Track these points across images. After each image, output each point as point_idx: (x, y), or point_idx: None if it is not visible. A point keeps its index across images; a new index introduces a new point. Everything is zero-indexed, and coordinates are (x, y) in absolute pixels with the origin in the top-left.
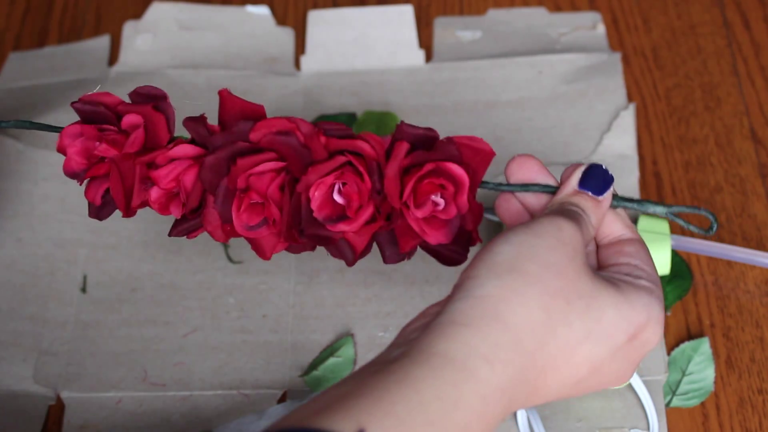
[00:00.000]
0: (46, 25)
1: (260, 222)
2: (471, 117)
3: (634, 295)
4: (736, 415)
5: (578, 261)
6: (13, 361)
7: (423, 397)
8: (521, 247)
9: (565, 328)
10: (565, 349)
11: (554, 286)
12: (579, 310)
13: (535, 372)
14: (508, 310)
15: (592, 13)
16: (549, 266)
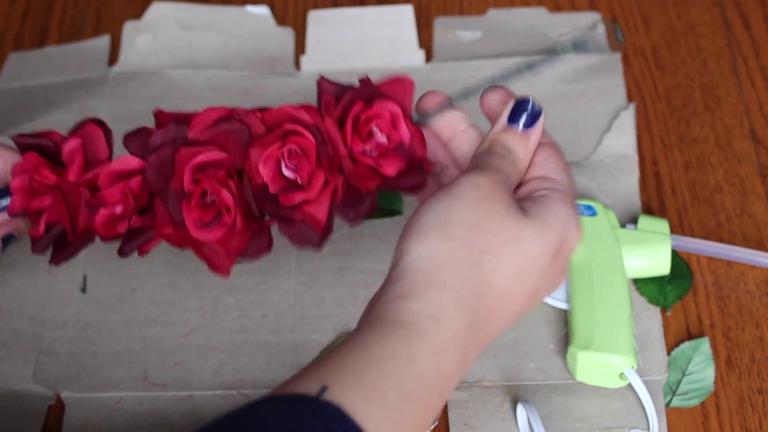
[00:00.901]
0: (46, 25)
1: (214, 217)
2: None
3: (549, 216)
4: (736, 415)
5: (500, 210)
6: (13, 361)
7: (377, 355)
8: (444, 214)
9: (498, 277)
10: (501, 293)
11: (480, 243)
12: (507, 257)
13: (480, 321)
14: (443, 276)
15: (591, 13)
16: (472, 227)
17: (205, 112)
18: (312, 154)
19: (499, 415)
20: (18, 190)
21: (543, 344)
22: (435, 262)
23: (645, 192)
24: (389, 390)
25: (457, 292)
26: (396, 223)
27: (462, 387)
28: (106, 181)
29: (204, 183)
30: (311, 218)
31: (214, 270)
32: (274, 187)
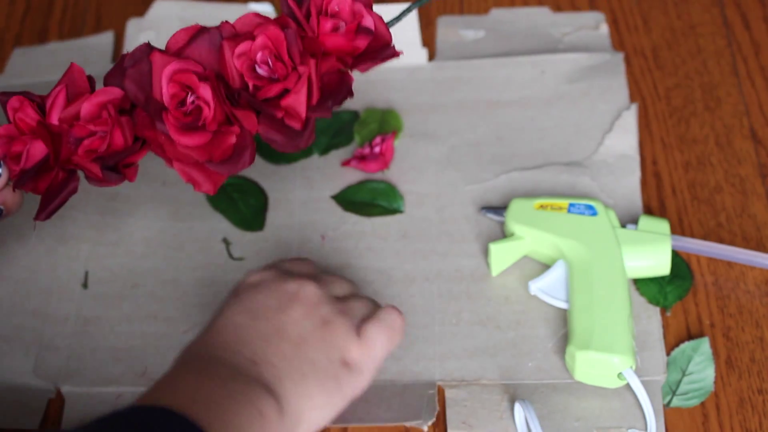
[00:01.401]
0: (46, 25)
1: (194, 118)
2: (473, 116)
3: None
4: (736, 415)
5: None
6: (14, 356)
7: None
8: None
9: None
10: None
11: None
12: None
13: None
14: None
15: (595, 13)
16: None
17: (177, 34)
18: (282, 45)
19: (497, 413)
20: (1, 136)
21: (542, 343)
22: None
23: (645, 192)
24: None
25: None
26: (397, 222)
27: (461, 385)
28: (87, 110)
29: (182, 79)
30: (291, 110)
31: (198, 187)
32: (251, 84)
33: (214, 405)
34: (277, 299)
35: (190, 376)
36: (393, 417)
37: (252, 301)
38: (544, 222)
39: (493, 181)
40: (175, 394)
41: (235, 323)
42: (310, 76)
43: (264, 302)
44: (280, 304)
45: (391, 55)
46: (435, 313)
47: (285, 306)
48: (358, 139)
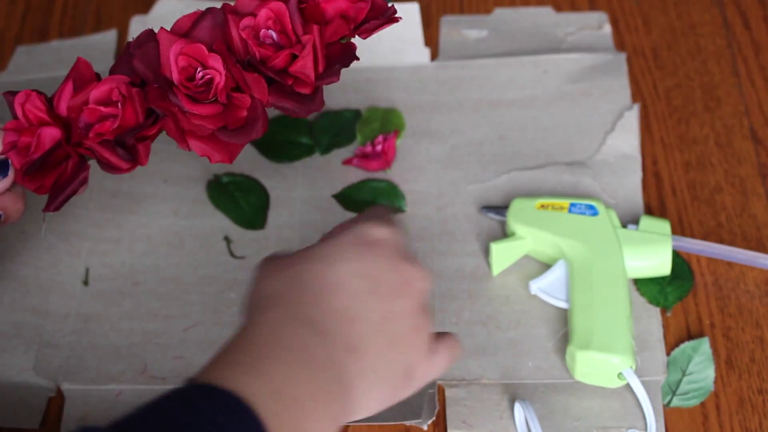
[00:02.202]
0: (46, 25)
1: (206, 87)
2: (475, 115)
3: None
4: (736, 415)
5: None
6: (14, 353)
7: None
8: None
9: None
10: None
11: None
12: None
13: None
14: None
15: (598, 13)
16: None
17: (180, 19)
18: (285, 16)
19: (497, 413)
20: (8, 129)
21: (542, 343)
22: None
23: (645, 192)
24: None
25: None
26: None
27: (461, 385)
28: (96, 95)
29: (191, 52)
30: (301, 75)
31: (214, 159)
32: (258, 55)
33: (293, 406)
34: (397, 279)
35: (283, 359)
36: (393, 416)
37: (373, 266)
38: (545, 222)
39: (495, 180)
40: (262, 381)
41: (351, 288)
42: (315, 44)
43: (385, 275)
44: (397, 287)
45: (392, 18)
46: (435, 313)
47: (400, 291)
48: (360, 138)
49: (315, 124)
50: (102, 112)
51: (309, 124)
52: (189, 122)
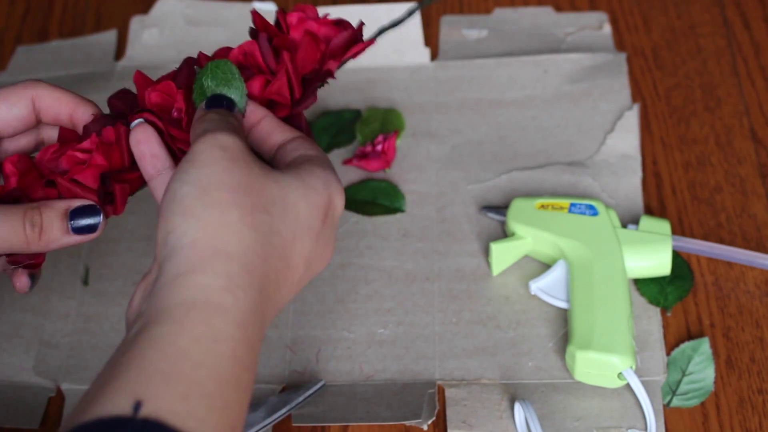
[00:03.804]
0: (46, 25)
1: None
2: (475, 115)
3: (311, 179)
4: (736, 415)
5: (257, 171)
6: (14, 353)
7: (179, 346)
8: (200, 182)
9: (275, 238)
10: (283, 255)
11: (249, 202)
12: (279, 216)
13: (271, 286)
14: (222, 243)
15: (598, 13)
16: (235, 188)
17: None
18: (256, 51)
19: (497, 413)
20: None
21: (542, 343)
22: (209, 230)
23: (645, 192)
24: (204, 380)
25: (243, 258)
26: (398, 221)
27: (461, 385)
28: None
29: (164, 89)
30: (277, 96)
31: None
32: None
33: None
34: (313, 216)
35: (227, 348)
36: (393, 416)
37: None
38: (545, 222)
39: (495, 180)
40: (205, 405)
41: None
42: (287, 69)
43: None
44: (310, 222)
45: (360, 47)
46: (435, 313)
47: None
48: (360, 137)
49: (315, 124)
50: (78, 158)
51: (309, 124)
52: (173, 144)
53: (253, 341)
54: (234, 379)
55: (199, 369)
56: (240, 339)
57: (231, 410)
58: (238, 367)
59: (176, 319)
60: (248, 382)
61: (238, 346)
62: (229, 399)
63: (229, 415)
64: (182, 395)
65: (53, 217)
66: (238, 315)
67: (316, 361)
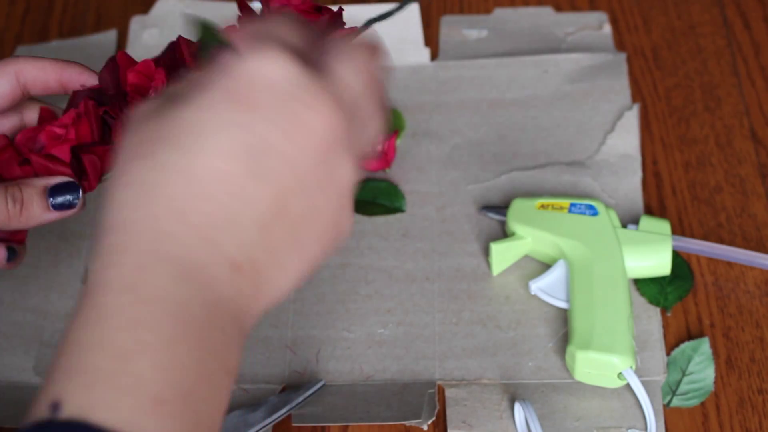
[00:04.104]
0: (46, 24)
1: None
2: (476, 115)
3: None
4: (736, 415)
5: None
6: (14, 353)
7: (102, 335)
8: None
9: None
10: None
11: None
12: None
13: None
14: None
15: (598, 13)
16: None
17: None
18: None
19: (497, 413)
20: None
21: (542, 343)
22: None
23: (645, 192)
24: (133, 373)
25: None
26: (398, 221)
27: (461, 385)
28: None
29: (141, 69)
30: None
31: None
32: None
33: (184, 407)
34: (291, 141)
35: (153, 338)
36: (393, 416)
37: (256, 134)
38: (545, 222)
39: (495, 180)
40: (138, 396)
41: (224, 178)
42: None
43: (272, 142)
44: (294, 154)
45: (341, 22)
46: (435, 313)
47: (300, 158)
48: None
49: None
50: (57, 133)
51: None
52: None
53: (188, 315)
54: (177, 370)
55: (128, 361)
56: (184, 320)
57: (173, 404)
58: (180, 357)
59: (82, 306)
60: (203, 371)
61: (179, 332)
62: (169, 392)
63: (173, 412)
64: (110, 387)
65: (33, 194)
66: (138, 294)
67: (316, 361)
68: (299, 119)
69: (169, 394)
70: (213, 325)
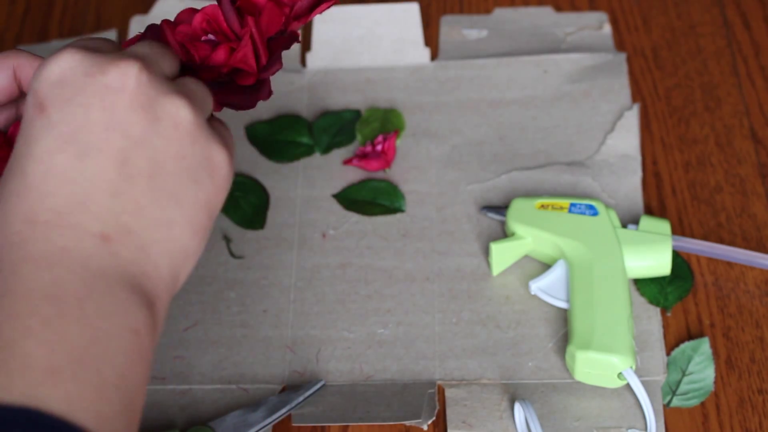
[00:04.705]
0: (46, 24)
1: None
2: (475, 115)
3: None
4: (736, 415)
5: None
6: None
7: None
8: None
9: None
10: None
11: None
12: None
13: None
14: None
15: (598, 13)
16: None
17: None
18: (219, 18)
19: (497, 413)
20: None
21: (542, 343)
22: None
23: (645, 192)
24: (10, 357)
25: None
26: (398, 221)
27: (461, 385)
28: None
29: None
30: (243, 65)
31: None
32: (197, 57)
33: (81, 370)
34: (101, 108)
35: (34, 321)
36: (393, 416)
37: (68, 122)
38: (545, 222)
39: (495, 180)
40: (30, 372)
41: (57, 171)
42: (252, 33)
43: (85, 120)
44: (109, 117)
45: (326, 5)
46: (435, 313)
47: (117, 118)
48: (359, 137)
49: (315, 124)
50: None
51: (309, 124)
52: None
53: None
54: (64, 341)
55: (13, 347)
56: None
57: (69, 370)
58: (64, 329)
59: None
60: (95, 334)
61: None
62: (60, 360)
63: (70, 376)
64: (12, 378)
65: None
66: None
67: (316, 361)
68: (97, 87)
69: (60, 363)
70: (97, 293)
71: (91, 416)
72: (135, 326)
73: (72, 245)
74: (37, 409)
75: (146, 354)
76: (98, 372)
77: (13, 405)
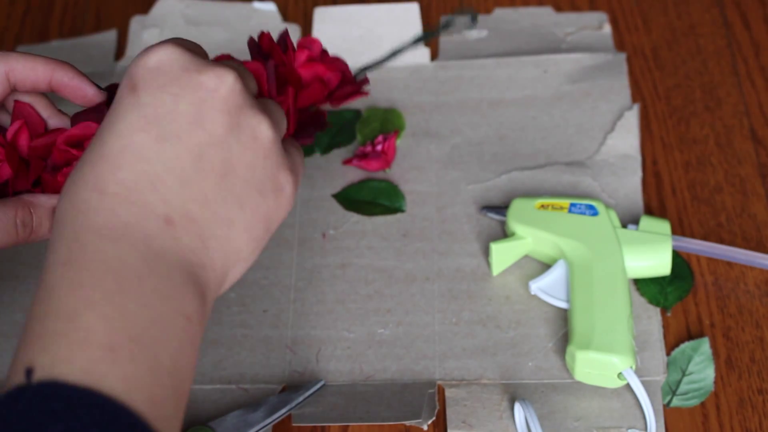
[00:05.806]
0: (46, 24)
1: None
2: (475, 115)
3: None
4: (736, 415)
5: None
6: (13, 353)
7: (65, 300)
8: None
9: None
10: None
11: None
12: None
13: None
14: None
15: (598, 14)
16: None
17: None
18: (261, 75)
19: (497, 413)
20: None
21: (542, 343)
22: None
23: (645, 192)
24: (72, 329)
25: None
26: (398, 221)
27: (461, 385)
28: (66, 139)
29: None
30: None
31: None
32: None
33: (138, 350)
34: (190, 102)
35: (97, 294)
36: (393, 416)
37: (156, 106)
38: (545, 222)
39: (495, 180)
40: (90, 348)
41: (135, 148)
42: (289, 105)
43: (173, 108)
44: (196, 112)
45: (363, 91)
46: (435, 313)
47: (203, 114)
48: (359, 137)
49: None
50: (73, 154)
51: None
52: None
53: (160, 274)
54: (124, 318)
55: (76, 319)
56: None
57: (126, 349)
58: (125, 306)
59: (43, 281)
60: (152, 315)
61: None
62: (119, 338)
63: (127, 356)
64: (75, 347)
65: (43, 217)
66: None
67: (316, 361)
68: (192, 82)
69: (119, 340)
70: (156, 273)
71: (145, 399)
72: (189, 313)
73: (136, 222)
74: (99, 391)
75: (196, 342)
76: (154, 355)
77: (76, 384)
